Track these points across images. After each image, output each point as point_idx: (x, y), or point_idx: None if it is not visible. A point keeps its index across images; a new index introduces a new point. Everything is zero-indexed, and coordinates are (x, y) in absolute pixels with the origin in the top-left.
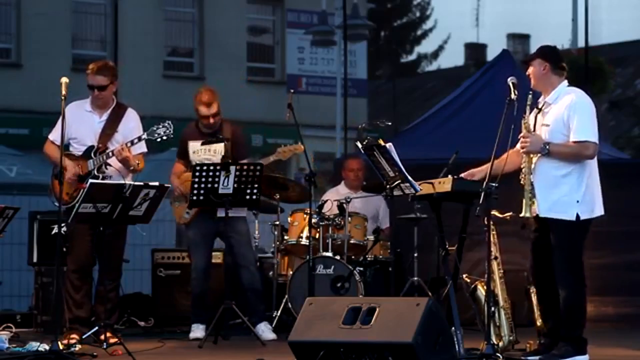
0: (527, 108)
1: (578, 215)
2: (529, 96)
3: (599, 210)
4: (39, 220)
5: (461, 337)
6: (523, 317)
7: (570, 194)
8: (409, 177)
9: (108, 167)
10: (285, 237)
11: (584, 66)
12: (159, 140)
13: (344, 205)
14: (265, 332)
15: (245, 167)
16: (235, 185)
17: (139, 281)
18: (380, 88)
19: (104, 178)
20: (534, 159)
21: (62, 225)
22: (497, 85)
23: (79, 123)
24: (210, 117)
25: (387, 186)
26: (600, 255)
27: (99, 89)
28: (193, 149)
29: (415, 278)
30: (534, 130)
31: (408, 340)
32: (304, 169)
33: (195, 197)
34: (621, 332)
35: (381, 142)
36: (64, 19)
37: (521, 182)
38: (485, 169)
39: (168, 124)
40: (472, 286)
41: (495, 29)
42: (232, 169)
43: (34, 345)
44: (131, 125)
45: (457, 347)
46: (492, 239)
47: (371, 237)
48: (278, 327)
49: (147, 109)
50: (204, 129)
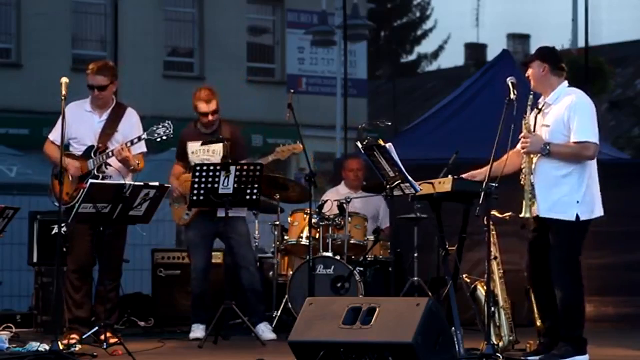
0: (528, 108)
1: (578, 216)
2: (529, 96)
3: (599, 211)
4: (39, 220)
5: (461, 337)
6: (523, 317)
7: (571, 194)
8: (409, 177)
9: (108, 167)
10: (285, 237)
11: (584, 66)
12: (159, 140)
13: (344, 205)
14: (265, 332)
15: (245, 167)
16: (235, 185)
17: (139, 281)
18: (380, 88)
19: (103, 178)
20: (534, 159)
21: (62, 225)
22: (497, 85)
23: (79, 123)
24: (209, 114)
25: (387, 186)
26: (600, 255)
27: (99, 88)
28: (192, 149)
29: (415, 278)
30: (534, 130)
31: (408, 340)
32: (304, 169)
33: (195, 197)
34: (621, 332)
35: (381, 142)
36: (64, 19)
37: (521, 182)
38: (485, 171)
39: (168, 123)
40: (472, 286)
41: (495, 29)
42: (232, 169)
43: (34, 345)
44: (131, 125)
45: (457, 347)
46: (491, 239)
47: (371, 237)
48: (278, 327)
49: (147, 109)
50: (203, 129)
